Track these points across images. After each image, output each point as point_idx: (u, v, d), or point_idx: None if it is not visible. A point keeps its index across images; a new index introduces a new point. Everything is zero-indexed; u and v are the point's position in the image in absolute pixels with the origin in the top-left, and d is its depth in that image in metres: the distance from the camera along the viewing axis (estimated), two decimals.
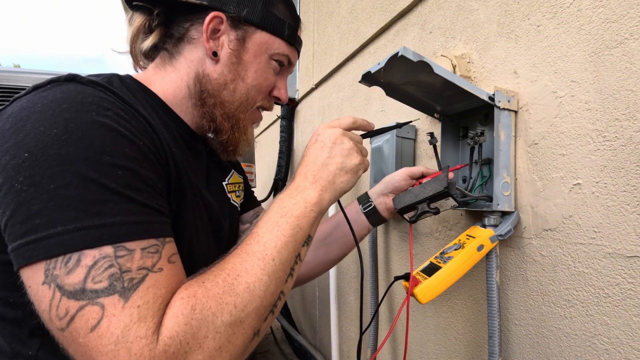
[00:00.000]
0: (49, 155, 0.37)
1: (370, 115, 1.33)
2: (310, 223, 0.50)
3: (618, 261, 0.57)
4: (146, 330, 0.35)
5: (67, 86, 0.43)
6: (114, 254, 0.37)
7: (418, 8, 1.06)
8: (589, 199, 0.61)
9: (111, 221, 0.37)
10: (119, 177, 0.39)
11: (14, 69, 2.13)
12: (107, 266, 0.36)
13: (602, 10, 0.59)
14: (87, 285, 0.35)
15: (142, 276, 0.38)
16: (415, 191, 0.70)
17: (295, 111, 2.27)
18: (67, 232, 0.36)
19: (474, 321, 0.85)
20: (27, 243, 0.36)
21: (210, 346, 0.38)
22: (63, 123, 0.38)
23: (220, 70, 0.58)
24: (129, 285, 0.36)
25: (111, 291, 0.36)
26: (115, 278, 0.36)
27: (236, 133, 0.61)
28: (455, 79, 0.68)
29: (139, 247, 0.39)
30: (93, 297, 0.35)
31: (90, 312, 0.35)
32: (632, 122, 0.55)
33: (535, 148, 0.71)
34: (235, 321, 0.40)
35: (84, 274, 0.35)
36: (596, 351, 0.60)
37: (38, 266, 0.36)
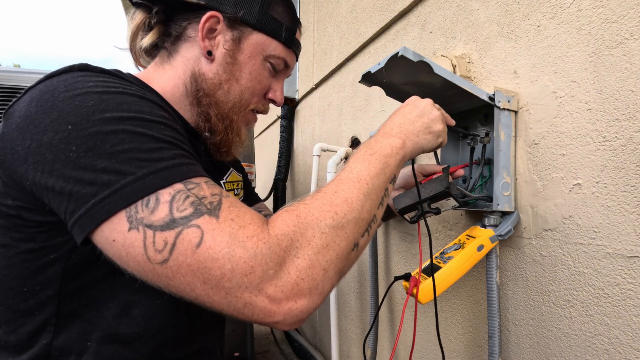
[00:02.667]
0: (94, 122, 0.39)
1: (370, 115, 1.33)
2: (396, 163, 0.53)
3: (618, 261, 0.57)
4: (253, 231, 0.39)
5: (84, 72, 0.45)
6: (185, 188, 0.40)
7: (418, 8, 1.06)
8: (589, 199, 0.61)
9: (172, 163, 0.40)
10: (162, 130, 0.42)
11: (14, 69, 2.13)
12: (184, 197, 0.39)
13: (602, 10, 0.59)
14: (175, 215, 0.38)
15: (218, 200, 0.40)
16: (415, 191, 0.70)
17: (295, 111, 2.27)
18: (138, 179, 0.38)
19: (474, 321, 0.85)
20: (102, 199, 0.37)
21: (318, 244, 0.41)
22: (97, 96, 0.41)
23: (215, 69, 0.58)
24: (211, 207, 0.39)
25: (199, 214, 0.38)
26: (197, 204, 0.39)
27: (230, 134, 0.62)
28: (455, 79, 0.68)
29: (202, 181, 0.42)
30: (185, 222, 0.37)
31: (189, 233, 0.37)
32: (632, 122, 0.55)
33: (535, 148, 0.71)
34: (337, 225, 0.43)
35: (167, 208, 0.38)
36: (596, 351, 0.60)
37: (118, 217, 0.37)
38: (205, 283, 0.37)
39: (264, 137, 3.40)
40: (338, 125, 1.62)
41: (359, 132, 1.42)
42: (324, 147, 1.45)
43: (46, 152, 0.39)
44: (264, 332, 2.53)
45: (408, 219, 0.72)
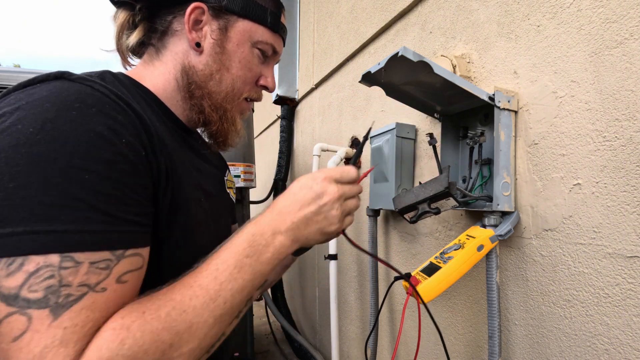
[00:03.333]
0: (19, 154, 0.36)
1: (370, 115, 1.33)
2: (271, 269, 0.48)
3: (618, 261, 0.57)
4: (64, 357, 0.34)
5: (55, 84, 0.41)
6: (58, 264, 0.35)
7: (418, 8, 1.06)
8: (589, 199, 0.61)
9: (63, 228, 0.35)
10: (84, 181, 0.37)
11: (14, 69, 2.13)
12: (47, 276, 0.34)
13: (602, 10, 0.59)
14: (21, 293, 0.34)
15: (81, 294, 0.36)
16: (415, 191, 0.69)
17: (295, 111, 2.27)
18: (16, 234, 0.34)
19: (474, 321, 0.85)
20: None
21: None
22: (41, 122, 0.37)
23: (205, 60, 0.58)
24: (63, 302, 0.35)
25: (43, 304, 0.34)
26: (52, 291, 0.34)
27: (225, 124, 0.61)
28: (455, 79, 0.68)
29: (88, 260, 0.36)
30: (23, 307, 0.34)
31: (16, 321, 0.33)
32: (632, 122, 0.55)
33: (535, 148, 0.71)
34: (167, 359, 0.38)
35: (22, 280, 0.34)
36: (596, 351, 0.60)
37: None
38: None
39: (264, 137, 3.40)
40: (338, 125, 1.62)
41: (359, 132, 1.42)
42: (324, 147, 1.45)
43: None
44: (264, 332, 2.53)
45: (408, 219, 0.72)
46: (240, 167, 1.69)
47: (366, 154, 1.36)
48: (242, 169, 1.70)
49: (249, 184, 1.76)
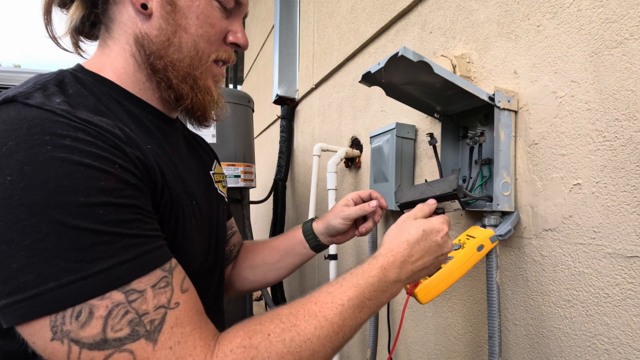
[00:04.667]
0: (12, 207, 0.33)
1: (370, 115, 1.33)
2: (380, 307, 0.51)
3: (618, 261, 0.57)
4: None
5: (7, 112, 0.36)
6: (126, 300, 0.35)
7: (418, 8, 1.06)
8: (589, 199, 0.61)
9: (109, 264, 0.35)
10: (101, 215, 0.35)
11: (14, 69, 2.13)
12: (123, 313, 0.35)
13: (602, 10, 0.59)
14: (108, 336, 0.34)
15: (162, 315, 0.37)
16: (421, 188, 0.67)
17: (295, 111, 2.27)
18: (62, 286, 0.33)
19: (474, 321, 0.85)
20: (15, 302, 0.33)
21: None
22: (17, 167, 0.33)
23: (157, 24, 0.50)
24: (152, 328, 0.36)
25: (135, 337, 0.35)
26: (136, 323, 0.35)
27: (198, 94, 0.54)
28: (455, 79, 0.68)
29: (148, 285, 0.37)
30: (118, 345, 0.34)
31: (119, 358, 0.34)
32: (632, 122, 0.55)
33: (535, 148, 0.71)
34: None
35: (101, 326, 0.34)
36: (596, 351, 0.60)
37: (39, 323, 0.33)
38: None
39: (264, 137, 3.40)
40: (338, 125, 1.62)
41: (359, 132, 1.42)
42: (324, 147, 1.45)
43: None
44: None
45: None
46: (240, 167, 1.69)
47: (366, 154, 1.36)
48: (242, 169, 1.70)
49: (249, 184, 1.76)
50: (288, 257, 0.79)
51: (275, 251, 0.79)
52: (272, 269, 0.79)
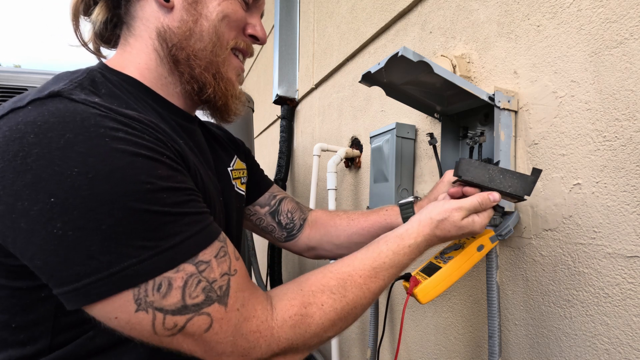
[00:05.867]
0: (83, 198, 0.35)
1: (370, 115, 1.33)
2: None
3: (618, 261, 0.57)
4: (257, 326, 0.43)
5: (55, 106, 0.37)
6: (197, 270, 0.40)
7: (418, 8, 1.06)
8: (589, 199, 0.61)
9: (178, 240, 0.39)
10: (165, 199, 0.39)
11: (14, 69, 2.13)
12: (197, 282, 0.40)
13: (602, 10, 0.59)
14: (187, 302, 0.39)
15: (227, 281, 0.42)
16: (491, 172, 0.57)
17: (295, 111, 2.27)
18: (142, 261, 0.37)
19: (474, 321, 0.85)
20: (99, 279, 0.36)
21: (315, 344, 0.48)
22: (80, 159, 0.35)
23: (178, 16, 0.51)
24: (221, 294, 0.41)
25: (210, 301, 0.40)
26: (209, 290, 0.40)
27: (220, 83, 0.55)
28: (455, 79, 0.68)
29: (212, 256, 0.42)
30: (197, 310, 0.39)
31: (199, 320, 0.39)
32: (632, 122, 0.55)
33: (535, 148, 0.71)
34: (340, 329, 0.50)
35: (180, 294, 0.39)
36: (596, 351, 0.60)
37: (122, 298, 0.37)
38: (206, 352, 0.41)
39: (264, 137, 3.40)
40: (338, 125, 1.62)
41: (359, 132, 1.42)
42: (324, 147, 1.45)
43: (21, 220, 0.34)
44: None
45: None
46: None
47: (366, 154, 1.36)
48: None
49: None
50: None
51: (365, 232, 0.78)
52: (360, 247, 0.78)
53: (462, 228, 0.58)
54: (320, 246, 0.81)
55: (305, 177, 2.06)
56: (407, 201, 0.75)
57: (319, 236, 0.81)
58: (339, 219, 0.80)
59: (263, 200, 0.80)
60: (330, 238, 0.80)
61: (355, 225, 0.78)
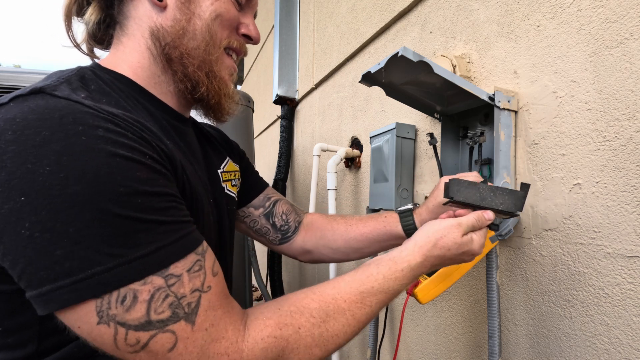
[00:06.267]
0: (54, 197, 0.34)
1: (370, 115, 1.33)
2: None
3: (618, 261, 0.57)
4: (225, 348, 0.40)
5: (36, 102, 0.37)
6: (165, 284, 0.38)
7: (418, 8, 1.06)
8: (589, 199, 0.61)
9: (149, 250, 0.37)
10: (140, 204, 0.37)
11: (14, 69, 2.13)
12: (164, 297, 0.37)
13: (602, 10, 0.59)
14: (152, 318, 0.37)
15: (197, 298, 0.40)
16: (482, 191, 0.57)
17: (295, 111, 2.27)
18: (107, 270, 0.35)
19: (474, 321, 0.85)
20: (61, 287, 0.34)
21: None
22: (55, 158, 0.34)
23: (172, 15, 0.51)
24: (189, 311, 0.39)
25: (176, 318, 0.38)
26: (176, 306, 0.38)
27: (213, 82, 0.55)
28: (455, 79, 0.68)
29: (184, 269, 0.39)
30: (161, 327, 0.37)
31: (163, 338, 0.37)
32: (632, 122, 0.55)
33: (535, 148, 0.71)
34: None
35: (145, 309, 0.36)
36: (596, 351, 0.60)
37: (84, 308, 0.35)
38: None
39: (264, 137, 3.40)
40: (338, 125, 1.62)
41: (359, 132, 1.42)
42: (324, 147, 1.45)
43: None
44: None
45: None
46: None
47: (366, 154, 1.36)
48: None
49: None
50: (379, 245, 0.76)
51: (363, 238, 0.76)
52: (357, 252, 0.78)
53: (462, 245, 0.55)
54: (316, 250, 0.79)
55: (305, 177, 2.06)
56: (406, 208, 0.74)
57: (315, 240, 0.79)
58: (337, 224, 0.79)
59: (257, 202, 0.79)
60: (326, 242, 0.78)
61: (353, 231, 0.76)
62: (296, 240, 0.80)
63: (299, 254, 0.81)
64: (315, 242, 0.79)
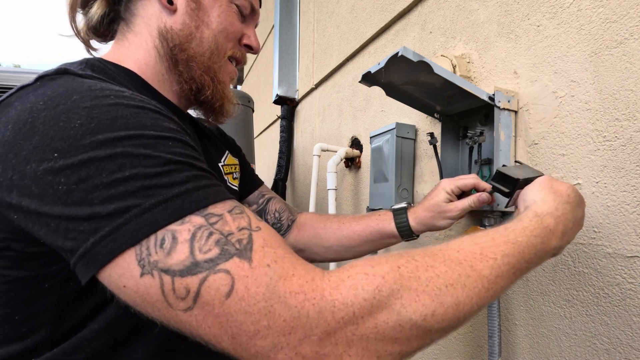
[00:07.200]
0: (85, 147, 0.33)
1: (370, 115, 1.33)
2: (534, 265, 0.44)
3: (618, 261, 0.57)
4: (299, 286, 0.32)
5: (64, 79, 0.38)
6: (207, 222, 0.33)
7: (418, 8, 1.06)
8: (589, 199, 0.61)
9: (185, 188, 0.34)
10: (170, 147, 0.36)
11: (14, 69, 2.13)
12: (207, 234, 0.33)
13: (602, 10, 0.59)
14: (197, 258, 0.32)
15: (248, 236, 0.34)
16: (526, 168, 0.58)
17: (295, 111, 2.27)
18: (145, 211, 0.32)
19: (474, 321, 0.85)
20: (102, 237, 0.32)
21: (388, 336, 0.32)
22: (85, 112, 0.34)
23: (181, 19, 0.53)
24: (242, 247, 0.33)
25: (227, 256, 0.32)
26: (224, 242, 0.33)
27: (218, 85, 0.58)
28: (455, 79, 0.68)
29: (225, 210, 0.35)
30: (211, 267, 0.31)
31: (216, 280, 0.31)
32: (632, 122, 0.55)
33: (535, 148, 0.71)
34: (423, 327, 0.33)
35: (188, 249, 0.32)
36: (596, 351, 0.60)
37: (126, 259, 0.32)
38: (234, 338, 0.31)
39: (264, 137, 3.40)
40: (338, 125, 1.62)
41: (359, 132, 1.42)
42: (324, 147, 1.45)
43: (32, 185, 0.33)
44: None
45: (503, 191, 0.58)
46: None
47: (366, 154, 1.36)
48: None
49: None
50: (371, 244, 0.75)
51: (356, 236, 0.74)
52: (350, 251, 0.76)
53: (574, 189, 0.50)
54: (308, 248, 0.78)
55: (305, 177, 2.06)
56: (400, 206, 0.73)
57: (308, 238, 0.78)
58: (329, 222, 0.78)
59: (252, 199, 0.79)
60: (319, 240, 0.77)
61: (345, 229, 0.75)
62: (288, 239, 0.79)
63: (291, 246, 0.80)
64: (307, 241, 0.78)
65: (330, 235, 0.76)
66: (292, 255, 0.35)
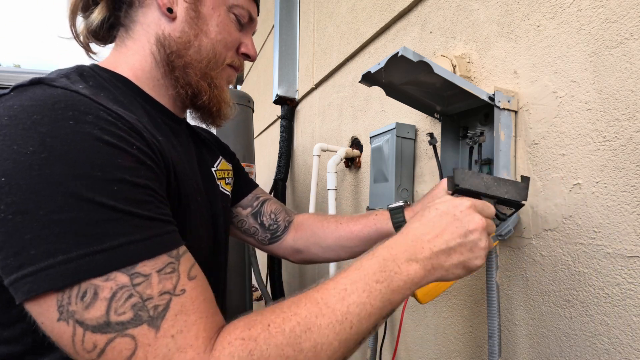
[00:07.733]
0: (31, 178, 0.33)
1: (370, 115, 1.33)
2: (401, 299, 0.44)
3: (618, 261, 0.57)
4: (192, 358, 0.35)
5: (34, 91, 0.38)
6: (130, 283, 0.34)
7: (418, 8, 1.06)
8: (589, 199, 0.61)
9: (117, 243, 0.35)
10: (115, 192, 0.36)
11: (14, 69, 2.13)
12: (127, 296, 0.34)
13: (602, 10, 0.59)
14: (111, 318, 0.33)
15: (166, 302, 0.36)
16: (486, 181, 0.57)
17: (295, 111, 2.27)
18: (70, 260, 0.33)
19: (474, 321, 0.85)
20: (24, 276, 0.33)
21: None
22: (39, 138, 0.34)
23: (180, 27, 0.54)
24: (155, 314, 0.35)
25: (138, 322, 0.34)
26: (139, 307, 0.34)
27: (215, 91, 0.58)
28: (455, 79, 0.68)
29: (154, 270, 0.36)
30: (120, 329, 0.33)
31: (120, 343, 0.33)
32: (632, 122, 0.55)
33: (535, 148, 0.71)
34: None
35: (104, 307, 0.33)
36: (596, 351, 0.60)
37: (47, 302, 0.33)
38: None
39: (264, 137, 3.40)
40: (338, 125, 1.62)
41: (359, 132, 1.42)
42: (324, 147, 1.45)
43: None
44: None
45: None
46: None
47: (366, 154, 1.36)
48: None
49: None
50: (370, 243, 0.74)
51: (353, 236, 0.74)
52: (349, 251, 0.76)
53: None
54: (306, 249, 0.78)
55: (305, 177, 2.06)
56: (396, 205, 0.73)
57: (306, 238, 0.78)
58: (327, 222, 0.78)
59: (246, 202, 0.79)
60: (317, 240, 0.77)
61: (343, 229, 0.75)
62: (286, 240, 0.79)
63: (289, 253, 0.80)
64: (305, 241, 0.78)
65: (329, 235, 0.76)
66: (204, 320, 0.37)
